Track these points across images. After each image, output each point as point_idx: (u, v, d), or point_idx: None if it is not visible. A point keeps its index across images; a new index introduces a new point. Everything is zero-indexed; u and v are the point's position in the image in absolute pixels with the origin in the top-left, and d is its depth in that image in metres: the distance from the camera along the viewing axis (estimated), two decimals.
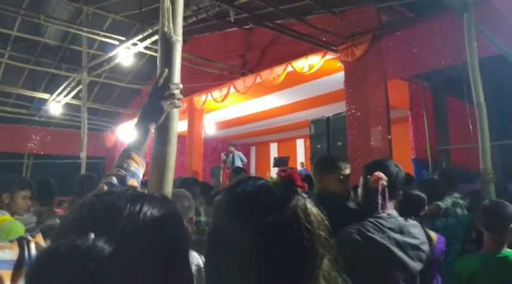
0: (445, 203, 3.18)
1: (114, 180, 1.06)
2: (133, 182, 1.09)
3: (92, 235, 0.52)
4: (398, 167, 1.83)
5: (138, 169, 1.14)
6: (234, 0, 5.55)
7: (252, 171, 15.06)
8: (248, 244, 0.69)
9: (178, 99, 1.25)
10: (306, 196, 0.76)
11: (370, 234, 1.61)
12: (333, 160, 2.19)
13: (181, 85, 1.27)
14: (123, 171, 1.09)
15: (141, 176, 1.15)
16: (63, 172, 7.82)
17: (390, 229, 1.66)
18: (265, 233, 0.69)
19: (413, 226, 1.75)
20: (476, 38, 3.31)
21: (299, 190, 0.76)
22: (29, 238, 0.87)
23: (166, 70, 1.26)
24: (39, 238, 0.88)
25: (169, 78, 1.26)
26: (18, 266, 0.79)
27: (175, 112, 1.29)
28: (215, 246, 0.75)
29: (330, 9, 5.89)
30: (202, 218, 3.10)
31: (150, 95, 1.24)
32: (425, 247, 1.74)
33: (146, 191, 0.69)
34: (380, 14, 5.62)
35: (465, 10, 3.21)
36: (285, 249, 0.70)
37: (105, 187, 1.01)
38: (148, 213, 0.59)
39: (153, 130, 1.23)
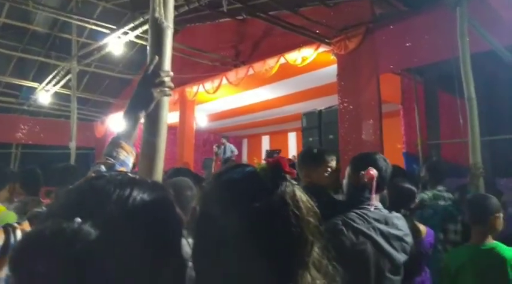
0: (422, 195, 3.19)
1: (103, 168, 1.04)
2: (123, 170, 1.07)
3: (78, 219, 0.51)
4: (386, 161, 1.84)
5: (128, 157, 1.11)
6: None
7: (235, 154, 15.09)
8: (236, 231, 0.68)
9: (169, 87, 1.22)
10: (295, 182, 0.75)
11: (355, 224, 1.62)
12: (319, 154, 2.18)
13: (171, 73, 1.25)
14: (112, 160, 1.07)
15: (130, 165, 1.13)
16: (52, 162, 7.71)
17: (375, 220, 1.68)
18: (252, 219, 0.69)
19: (397, 217, 1.78)
20: (468, 33, 3.32)
21: (287, 176, 0.75)
22: (15, 225, 0.87)
23: (157, 57, 1.23)
24: (26, 225, 0.88)
25: (159, 66, 1.23)
26: (3, 252, 0.79)
27: (166, 100, 1.27)
28: (202, 233, 0.74)
29: (323, 2, 5.85)
30: None
31: (139, 83, 1.21)
32: (409, 239, 1.77)
33: (137, 176, 0.67)
34: (374, 7, 5.59)
35: (458, 4, 3.21)
36: (273, 236, 0.69)
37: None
38: (138, 197, 0.58)
39: (142, 119, 1.20)
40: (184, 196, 1.79)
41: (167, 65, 1.25)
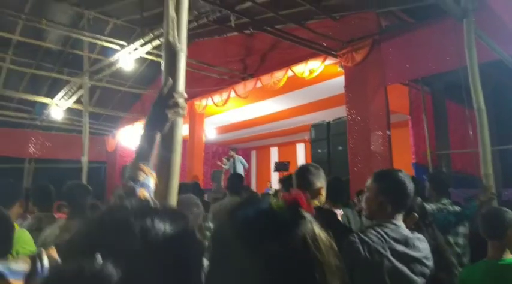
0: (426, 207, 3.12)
1: (124, 191, 1.08)
2: (143, 192, 1.10)
3: (99, 257, 0.50)
4: (409, 178, 1.75)
5: (148, 179, 1.15)
6: (235, 5, 5.58)
7: (253, 175, 15.08)
8: (253, 276, 0.64)
9: (183, 108, 1.27)
10: (313, 219, 0.72)
11: (371, 243, 1.58)
12: (305, 175, 2.18)
13: (185, 94, 1.29)
14: (132, 182, 1.11)
15: (151, 185, 1.16)
16: (64, 176, 7.81)
17: (395, 240, 1.62)
18: (272, 264, 0.65)
19: (419, 239, 1.71)
20: (475, 43, 3.33)
21: (306, 214, 0.71)
22: (42, 251, 0.89)
23: (171, 79, 1.27)
24: (53, 251, 0.89)
25: (173, 87, 1.27)
26: (29, 277, 0.81)
27: (180, 121, 1.31)
28: (215, 276, 0.69)
29: (330, 15, 5.92)
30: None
31: (154, 104, 1.25)
32: (430, 262, 1.69)
33: (157, 204, 0.69)
34: (380, 19, 5.65)
35: (464, 16, 3.23)
36: (293, 281, 0.65)
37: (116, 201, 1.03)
38: (160, 230, 0.57)
39: (158, 139, 1.24)
40: (191, 213, 1.82)
41: (181, 86, 1.30)
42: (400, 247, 1.61)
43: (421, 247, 1.68)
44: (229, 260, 0.68)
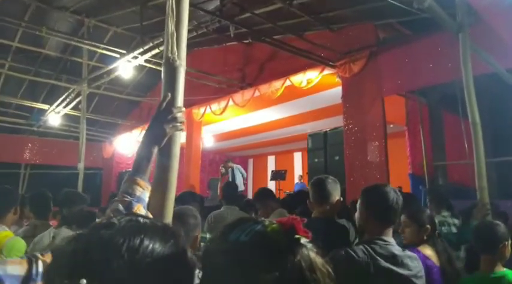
0: None
1: (120, 206, 1.09)
2: (140, 207, 1.11)
3: (84, 281, 0.48)
4: (397, 193, 1.77)
5: (144, 193, 1.16)
6: (234, 16, 5.64)
7: (250, 184, 15.05)
8: None
9: (181, 122, 1.28)
10: (309, 245, 0.69)
11: (356, 258, 1.57)
12: (323, 186, 2.19)
13: (183, 109, 1.31)
14: (128, 197, 1.12)
15: (146, 200, 1.17)
16: (60, 182, 7.80)
17: (382, 256, 1.60)
18: None
19: (410, 257, 1.67)
20: (471, 56, 3.37)
21: (302, 239, 0.68)
22: (39, 255, 0.89)
23: (169, 94, 1.29)
24: (48, 257, 0.89)
25: (172, 102, 1.29)
26: (25, 282, 0.80)
27: (178, 135, 1.32)
28: None
29: (328, 26, 5.99)
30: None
31: (153, 118, 1.27)
32: (420, 282, 1.64)
33: (148, 220, 0.67)
34: (378, 31, 5.72)
35: (460, 31, 3.27)
36: None
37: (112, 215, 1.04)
38: (148, 249, 0.55)
39: (155, 153, 1.25)
40: (187, 225, 1.82)
41: (179, 101, 1.31)
42: (386, 264, 1.59)
43: (412, 265, 1.65)
44: None
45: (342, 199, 2.23)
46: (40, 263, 0.85)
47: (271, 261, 0.64)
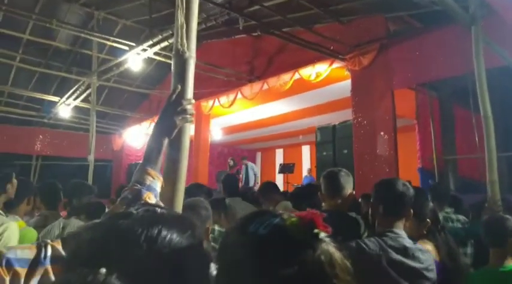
0: None
1: (129, 195, 1.11)
2: (149, 195, 1.13)
3: (104, 270, 0.48)
4: (406, 186, 1.78)
5: (154, 182, 1.17)
6: (243, 8, 5.62)
7: (258, 176, 15.07)
8: None
9: (191, 114, 1.29)
10: (328, 239, 0.67)
11: (367, 250, 1.59)
12: (336, 178, 2.17)
13: (193, 101, 1.32)
14: (138, 185, 1.14)
15: (157, 189, 1.18)
16: (70, 174, 7.91)
17: (393, 248, 1.62)
18: None
19: (421, 250, 1.68)
20: (484, 49, 3.32)
21: (322, 234, 0.66)
22: (48, 241, 0.90)
23: (179, 86, 1.30)
24: (58, 243, 0.91)
25: (182, 94, 1.30)
26: (33, 264, 0.82)
27: (188, 126, 1.33)
28: None
29: (337, 18, 5.93)
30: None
31: (163, 110, 1.28)
32: (431, 274, 1.64)
33: (163, 208, 0.69)
34: (388, 23, 5.66)
35: (473, 23, 3.23)
36: None
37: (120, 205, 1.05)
38: (166, 239, 0.56)
39: (166, 144, 1.26)
40: (199, 216, 1.84)
41: (189, 93, 1.32)
42: (397, 256, 1.60)
43: (423, 258, 1.65)
44: (239, 281, 0.65)
45: (354, 192, 2.22)
46: (49, 248, 0.86)
47: (290, 255, 0.63)
